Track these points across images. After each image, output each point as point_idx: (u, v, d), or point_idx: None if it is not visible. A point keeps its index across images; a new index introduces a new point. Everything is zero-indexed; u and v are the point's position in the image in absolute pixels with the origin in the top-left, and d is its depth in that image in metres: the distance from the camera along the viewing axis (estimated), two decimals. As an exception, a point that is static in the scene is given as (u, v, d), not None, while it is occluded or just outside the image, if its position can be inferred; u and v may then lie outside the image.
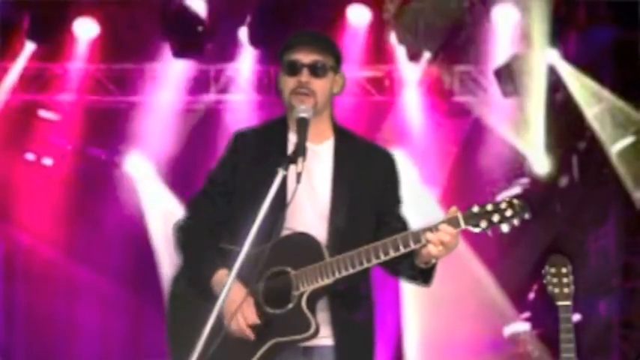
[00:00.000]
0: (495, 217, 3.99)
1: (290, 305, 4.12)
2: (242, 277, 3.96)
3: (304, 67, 4.23)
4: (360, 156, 4.32)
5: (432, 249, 4.00)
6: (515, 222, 3.99)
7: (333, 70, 4.30)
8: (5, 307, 10.60)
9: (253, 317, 4.11)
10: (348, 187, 4.24)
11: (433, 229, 4.01)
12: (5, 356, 10.54)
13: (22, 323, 10.70)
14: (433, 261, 4.11)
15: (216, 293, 3.92)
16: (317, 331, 4.12)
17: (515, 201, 4.01)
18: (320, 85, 4.24)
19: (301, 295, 4.11)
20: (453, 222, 4.01)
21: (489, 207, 4.00)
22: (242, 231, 3.82)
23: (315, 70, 4.23)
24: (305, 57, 4.24)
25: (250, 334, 4.11)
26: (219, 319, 3.75)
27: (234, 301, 4.02)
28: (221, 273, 4.15)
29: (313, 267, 4.10)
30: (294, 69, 4.24)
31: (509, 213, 3.98)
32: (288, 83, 4.26)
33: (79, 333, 10.74)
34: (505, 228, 3.99)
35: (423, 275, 4.17)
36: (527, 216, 3.99)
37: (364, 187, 4.26)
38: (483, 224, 4.00)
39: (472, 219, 4.00)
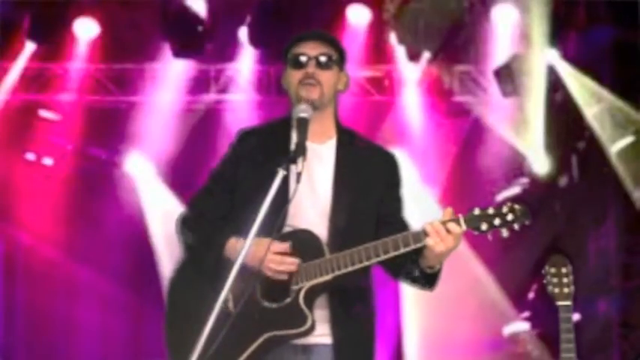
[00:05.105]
0: (496, 221, 4.00)
1: (287, 300, 4.13)
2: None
3: (311, 59, 4.25)
4: (362, 156, 4.31)
5: (429, 241, 3.98)
6: (516, 227, 4.01)
7: (338, 65, 4.31)
8: (5, 306, 10.60)
9: (283, 246, 4.09)
10: (349, 187, 4.23)
11: None
12: (5, 356, 10.53)
13: (22, 323, 10.69)
14: (437, 266, 4.11)
15: (231, 259, 3.92)
16: (313, 327, 4.12)
17: (517, 206, 4.03)
18: (326, 77, 4.26)
19: (299, 290, 4.12)
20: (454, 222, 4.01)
21: (491, 210, 4.02)
22: (243, 229, 3.83)
23: (322, 62, 4.25)
24: (311, 50, 4.26)
25: (290, 261, 4.09)
26: (222, 312, 3.72)
27: (258, 250, 3.97)
28: (233, 240, 4.15)
29: (313, 263, 4.11)
30: (300, 61, 4.26)
31: (510, 217, 4.00)
32: (295, 76, 4.26)
33: (79, 333, 10.73)
34: (505, 232, 4.01)
35: (427, 279, 4.17)
36: (527, 221, 4.02)
37: (366, 187, 4.26)
38: (484, 227, 4.01)
39: (473, 221, 4.01)
